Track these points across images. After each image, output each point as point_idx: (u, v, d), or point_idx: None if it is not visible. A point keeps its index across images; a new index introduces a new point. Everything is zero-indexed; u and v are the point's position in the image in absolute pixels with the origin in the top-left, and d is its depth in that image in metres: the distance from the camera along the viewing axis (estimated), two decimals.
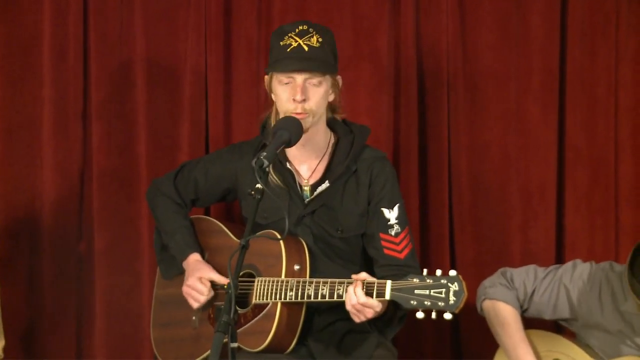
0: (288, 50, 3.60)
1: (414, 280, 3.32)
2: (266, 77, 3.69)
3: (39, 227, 4.50)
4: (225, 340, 3.02)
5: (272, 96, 3.69)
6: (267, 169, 3.24)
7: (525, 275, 3.84)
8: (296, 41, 3.61)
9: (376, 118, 4.28)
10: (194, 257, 3.83)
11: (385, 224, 3.73)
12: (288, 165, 3.75)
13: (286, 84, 3.62)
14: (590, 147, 4.48)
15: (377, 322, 3.61)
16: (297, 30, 3.63)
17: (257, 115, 4.41)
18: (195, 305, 3.77)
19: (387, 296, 3.37)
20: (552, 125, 4.48)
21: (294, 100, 3.60)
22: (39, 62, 4.52)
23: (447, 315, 3.26)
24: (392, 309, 3.54)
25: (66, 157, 4.52)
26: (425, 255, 4.47)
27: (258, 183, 3.20)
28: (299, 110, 3.60)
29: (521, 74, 4.49)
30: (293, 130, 3.48)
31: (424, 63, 4.50)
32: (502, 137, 4.50)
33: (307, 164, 3.78)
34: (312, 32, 3.64)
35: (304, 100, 3.61)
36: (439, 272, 3.31)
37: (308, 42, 3.61)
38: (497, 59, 4.49)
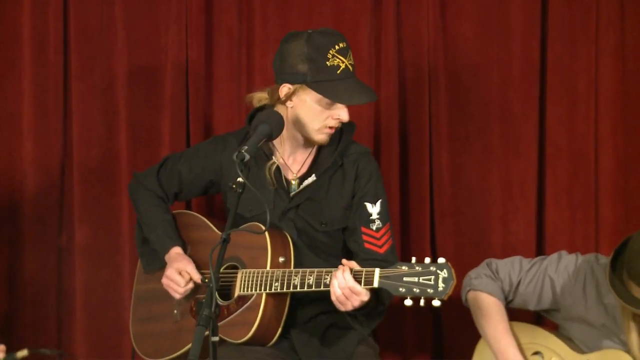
0: (338, 72, 3.58)
1: (403, 267, 3.34)
2: (288, 87, 3.62)
3: (19, 220, 4.50)
4: (206, 333, 3.01)
5: (290, 103, 3.64)
6: (247, 163, 3.22)
7: (511, 267, 3.83)
8: (343, 62, 3.59)
9: (357, 111, 4.22)
10: (176, 251, 3.82)
11: (367, 218, 3.73)
12: (274, 158, 3.73)
13: (329, 103, 3.60)
14: (571, 141, 4.48)
15: (358, 316, 3.58)
16: (337, 47, 3.59)
17: (238, 108, 4.48)
18: (176, 296, 3.76)
19: (376, 284, 3.37)
20: (532, 118, 4.47)
21: (338, 119, 3.62)
22: (19, 55, 4.51)
23: (436, 302, 3.29)
24: (373, 302, 3.52)
25: (47, 150, 4.52)
26: (406, 247, 4.47)
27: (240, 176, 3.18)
28: (336, 125, 3.65)
29: (502, 67, 4.48)
30: (274, 124, 3.47)
31: (405, 55, 4.49)
32: (483, 130, 4.49)
33: (295, 157, 3.77)
34: (348, 48, 3.63)
35: None
36: (427, 260, 3.33)
37: (351, 62, 3.62)
38: (477, 50, 4.48)
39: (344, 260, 3.47)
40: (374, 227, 3.72)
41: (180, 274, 3.73)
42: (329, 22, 4.40)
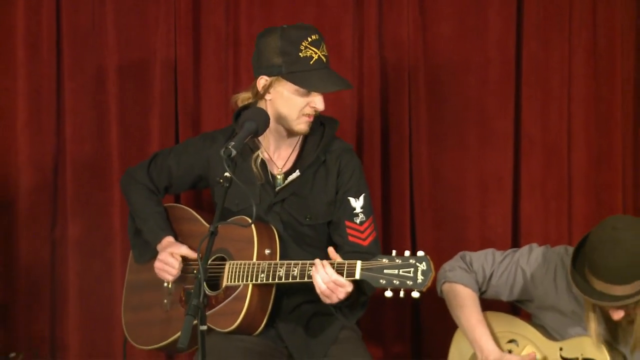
0: (311, 63, 3.61)
1: (383, 260, 3.36)
2: (265, 79, 3.65)
3: (14, 214, 4.50)
4: (195, 322, 3.03)
5: (269, 96, 3.67)
6: (234, 158, 3.25)
7: (484, 259, 3.85)
8: (315, 53, 3.62)
9: (340, 109, 4.29)
10: (168, 240, 3.84)
11: (351, 212, 3.75)
12: (261, 154, 3.75)
13: (304, 92, 3.63)
14: (545, 136, 4.50)
15: (342, 307, 3.60)
16: (310, 39, 3.62)
17: (226, 106, 4.46)
18: (169, 278, 3.78)
19: (357, 276, 3.40)
20: (508, 115, 4.50)
21: (314, 108, 3.65)
22: (13, 55, 4.51)
23: (415, 294, 3.30)
24: (356, 294, 3.54)
25: (40, 147, 4.52)
26: (387, 241, 4.48)
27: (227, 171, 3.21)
28: (313, 114, 3.67)
29: (479, 65, 4.50)
30: (260, 121, 3.50)
31: (386, 55, 4.51)
32: (461, 127, 4.51)
33: (280, 153, 3.79)
34: (321, 40, 3.65)
35: None
36: (407, 253, 3.35)
37: (324, 53, 3.64)
38: (456, 51, 4.50)
39: (329, 249, 3.51)
40: (358, 221, 3.73)
41: (172, 256, 3.76)
42: (312, 23, 4.31)
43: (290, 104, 3.65)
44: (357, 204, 3.75)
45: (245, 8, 4.50)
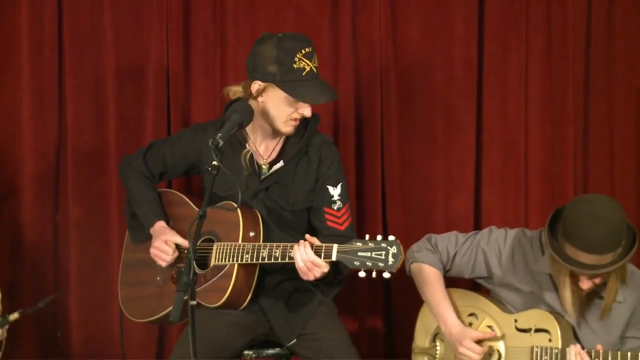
0: (304, 74, 3.59)
1: (358, 244, 3.37)
2: (259, 84, 3.63)
3: (20, 199, 4.48)
4: (185, 298, 3.04)
5: (260, 99, 3.65)
6: (222, 148, 3.26)
7: (448, 241, 3.86)
8: (308, 65, 3.60)
9: (318, 104, 4.27)
10: (160, 224, 3.83)
11: (329, 199, 3.76)
12: (247, 145, 3.76)
13: (294, 101, 3.63)
14: (504, 130, 4.51)
15: (320, 285, 3.62)
16: (303, 51, 3.59)
17: (213, 101, 4.46)
18: (163, 264, 3.78)
19: (334, 257, 3.41)
20: (470, 110, 4.51)
21: (301, 114, 3.65)
22: (18, 54, 4.48)
23: (386, 275, 3.32)
24: (333, 273, 3.56)
25: (43, 137, 4.50)
26: (361, 225, 4.48)
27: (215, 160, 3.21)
28: (300, 118, 3.67)
29: (444, 65, 4.50)
30: (245, 114, 3.50)
31: (360, 55, 4.51)
32: (428, 121, 4.52)
33: (265, 144, 3.79)
34: (313, 52, 3.63)
35: None
36: (379, 237, 3.36)
37: (315, 65, 3.63)
38: (423, 51, 4.50)
39: (307, 236, 3.51)
40: (335, 207, 3.74)
41: (167, 244, 3.76)
42: (292, 26, 4.43)
43: (280, 109, 3.64)
44: (335, 191, 3.76)
45: (231, 10, 4.48)
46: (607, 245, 3.43)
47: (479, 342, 3.70)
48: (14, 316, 3.69)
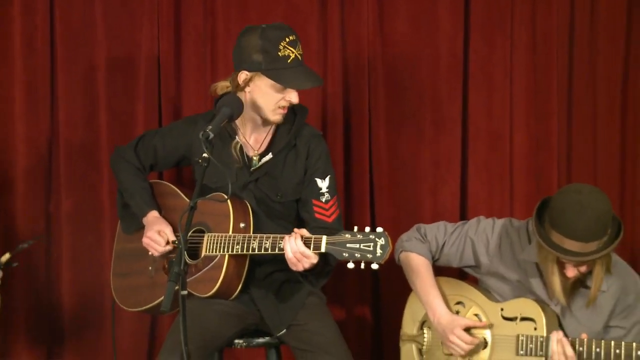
0: (289, 61, 3.59)
1: (346, 235, 3.35)
2: (246, 74, 3.62)
3: (13, 191, 4.47)
4: (176, 288, 3.03)
5: (248, 89, 3.65)
6: (212, 140, 3.24)
7: (437, 230, 3.86)
8: (292, 52, 3.60)
9: (307, 97, 4.26)
10: (153, 214, 3.83)
11: (317, 191, 3.75)
12: (237, 138, 3.75)
13: (281, 88, 3.62)
14: (489, 123, 4.51)
15: (309, 275, 3.61)
16: (287, 39, 3.59)
17: (204, 95, 4.45)
18: (155, 253, 3.77)
19: (323, 249, 3.39)
20: (457, 103, 4.50)
21: (289, 101, 3.64)
22: (11, 48, 4.47)
23: (374, 266, 3.31)
24: (322, 264, 3.55)
25: (36, 131, 4.48)
26: (349, 215, 4.48)
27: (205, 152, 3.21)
28: (287, 106, 3.67)
29: (431, 59, 4.50)
30: (235, 107, 3.49)
31: (348, 49, 4.50)
32: (415, 114, 4.51)
33: (255, 136, 3.78)
34: (297, 40, 3.63)
35: None
36: (367, 229, 3.35)
37: (300, 52, 3.62)
38: (410, 45, 4.49)
39: (295, 229, 3.50)
40: (323, 200, 3.73)
41: (159, 234, 3.75)
42: (282, 21, 4.29)
43: (268, 97, 3.64)
44: (323, 184, 3.75)
45: (221, 6, 4.47)
46: (593, 233, 3.43)
47: (467, 330, 3.70)
48: (5, 257, 3.71)
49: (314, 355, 3.65)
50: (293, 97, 3.65)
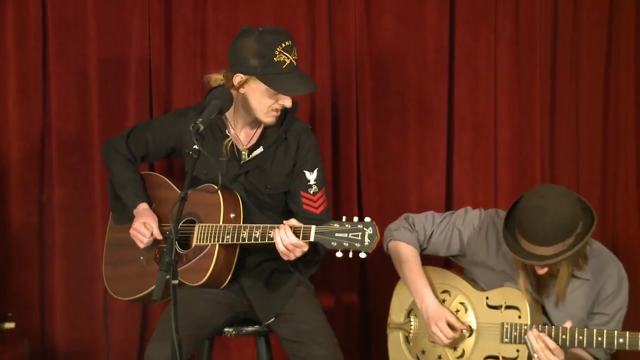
0: (284, 67, 3.57)
1: (335, 225, 3.35)
2: (240, 76, 3.60)
3: (6, 182, 4.45)
4: (167, 277, 3.03)
5: (242, 90, 3.63)
6: (202, 133, 3.24)
7: (425, 220, 3.86)
8: (288, 58, 3.58)
9: None
10: (143, 206, 3.82)
11: (306, 184, 3.75)
12: (227, 132, 3.74)
13: (274, 93, 3.61)
14: (474, 115, 4.51)
15: (298, 264, 3.62)
16: (283, 45, 3.58)
17: (194, 87, 4.45)
18: (141, 245, 3.77)
19: (312, 238, 3.39)
20: (442, 96, 4.50)
21: (282, 105, 3.63)
22: (3, 42, 4.45)
23: (362, 255, 3.32)
24: (312, 252, 3.56)
25: (29, 123, 4.46)
26: (337, 206, 4.48)
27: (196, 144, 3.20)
28: (280, 109, 3.66)
29: (417, 53, 4.50)
30: (224, 100, 3.49)
31: (336, 44, 4.49)
32: (402, 106, 4.51)
33: (245, 131, 3.78)
34: (293, 45, 3.62)
35: None
36: (355, 219, 3.35)
37: (295, 57, 3.61)
38: (397, 40, 4.49)
39: (284, 221, 3.50)
40: (312, 192, 3.74)
41: (145, 226, 3.74)
42: (270, 16, 4.42)
43: (262, 100, 3.63)
44: (312, 176, 3.75)
45: (210, 2, 4.46)
46: (551, 238, 3.42)
47: (451, 326, 3.71)
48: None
49: (302, 347, 3.65)
50: (287, 102, 3.64)
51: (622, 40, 4.50)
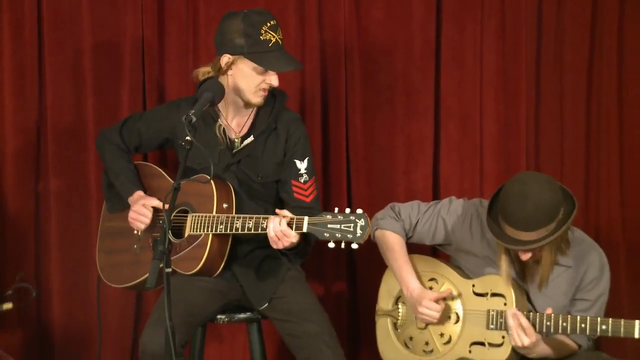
0: (270, 45, 3.59)
1: (327, 216, 3.36)
2: (228, 57, 3.62)
3: (2, 172, 4.45)
4: (161, 265, 3.02)
5: (230, 72, 3.64)
6: (194, 124, 3.22)
7: (410, 209, 3.86)
8: (273, 36, 3.60)
9: (286, 82, 4.25)
10: (139, 194, 3.81)
11: (296, 172, 3.76)
12: (220, 121, 3.74)
13: (262, 70, 3.62)
14: (460, 106, 4.50)
15: (289, 254, 3.64)
16: (268, 24, 3.60)
17: (186, 79, 4.42)
18: (141, 227, 3.76)
19: (305, 229, 3.41)
20: (429, 88, 4.49)
21: (269, 84, 3.64)
22: None
23: (354, 245, 3.34)
24: (302, 244, 3.58)
25: (24, 114, 4.45)
26: (327, 196, 4.48)
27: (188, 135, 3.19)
28: (268, 88, 3.67)
29: (405, 45, 4.48)
30: (216, 91, 3.48)
31: (325, 35, 4.48)
32: (390, 98, 4.50)
33: (237, 120, 3.78)
34: (277, 25, 3.63)
35: None
36: (347, 210, 3.36)
37: (280, 37, 3.63)
38: (385, 31, 4.48)
39: (277, 210, 3.51)
40: (302, 180, 3.75)
41: (144, 207, 3.74)
42: (262, 7, 4.34)
43: (249, 79, 3.64)
44: (302, 165, 3.76)
45: None
46: (533, 223, 3.43)
47: (437, 302, 3.71)
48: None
49: (295, 325, 3.67)
50: (274, 80, 3.65)
51: (605, 36, 4.48)
